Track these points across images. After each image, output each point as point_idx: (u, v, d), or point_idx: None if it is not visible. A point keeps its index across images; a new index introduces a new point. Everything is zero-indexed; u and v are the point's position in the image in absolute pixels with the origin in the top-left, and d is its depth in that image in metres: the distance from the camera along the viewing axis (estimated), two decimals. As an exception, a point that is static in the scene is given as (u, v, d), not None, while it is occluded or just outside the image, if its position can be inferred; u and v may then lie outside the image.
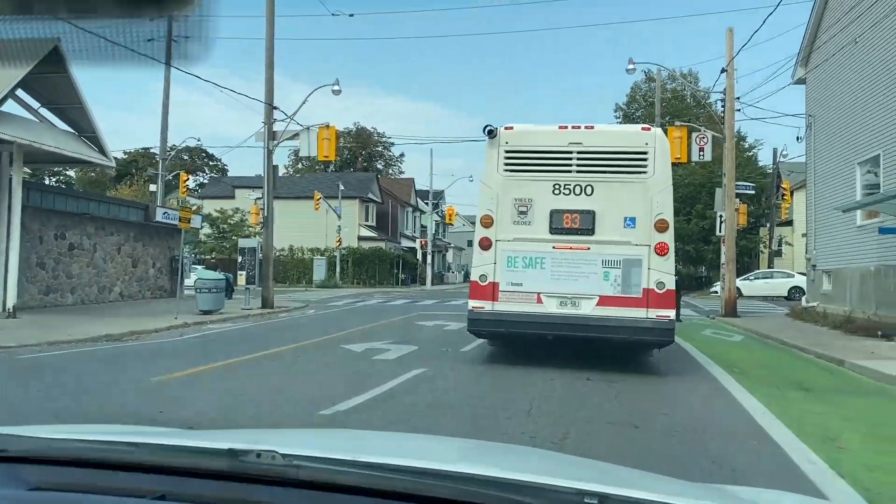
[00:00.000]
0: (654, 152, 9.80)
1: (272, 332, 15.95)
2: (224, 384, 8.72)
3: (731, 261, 23.41)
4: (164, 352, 12.19)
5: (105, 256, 25.27)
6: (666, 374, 10.16)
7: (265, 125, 24.81)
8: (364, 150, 75.56)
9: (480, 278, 10.02)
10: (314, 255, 50.22)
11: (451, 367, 10.12)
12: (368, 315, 21.51)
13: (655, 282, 9.62)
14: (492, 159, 10.15)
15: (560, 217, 9.91)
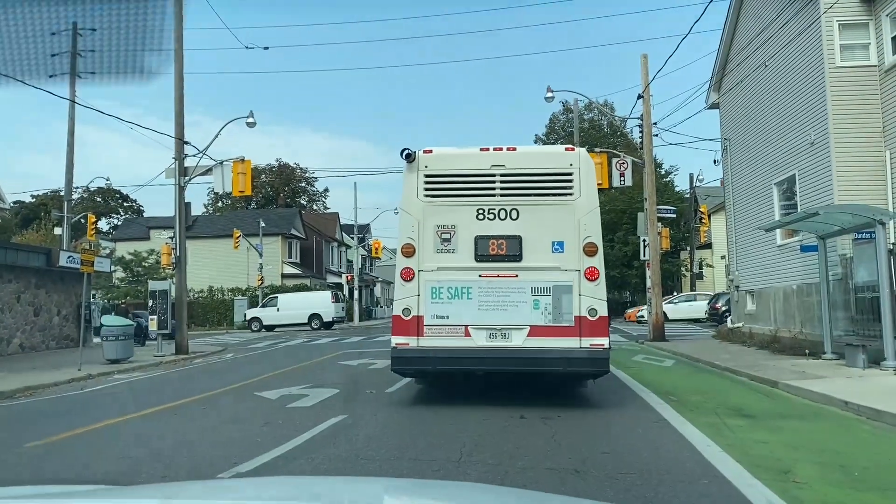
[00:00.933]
0: (580, 173, 9.38)
1: (182, 381, 14.75)
2: (111, 447, 7.66)
3: (657, 285, 23.45)
4: (55, 410, 10.92)
5: (2, 306, 23.33)
6: (603, 406, 9.64)
7: (175, 161, 23.59)
8: (287, 187, 74.14)
9: (403, 312, 9.31)
10: (235, 295, 48.39)
11: (375, 411, 9.29)
12: (289, 357, 20.40)
13: (587, 308, 9.12)
14: (411, 184, 9.52)
15: (485, 243, 9.33)
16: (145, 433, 8.49)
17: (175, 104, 23.68)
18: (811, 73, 16.27)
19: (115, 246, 54.85)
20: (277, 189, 72.94)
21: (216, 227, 52.69)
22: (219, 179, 23.73)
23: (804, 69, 16.66)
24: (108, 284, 50.15)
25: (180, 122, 23.69)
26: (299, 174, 74.23)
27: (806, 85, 16.59)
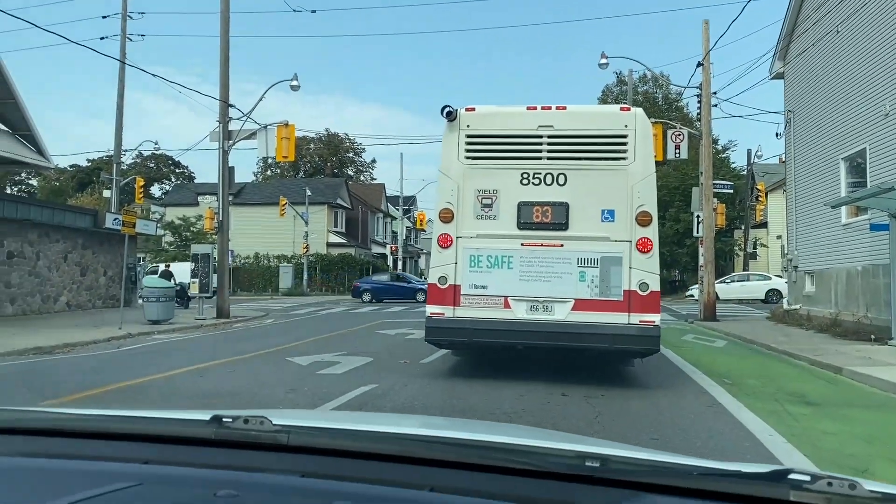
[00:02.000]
0: (635, 136, 8.65)
1: (217, 344, 14.57)
2: (122, 409, 7.34)
3: (710, 262, 22.47)
4: (86, 367, 10.76)
5: (49, 265, 23.63)
6: (650, 387, 9.00)
7: (220, 124, 23.37)
8: (334, 157, 74.12)
9: (440, 280, 8.78)
10: (280, 262, 48.64)
11: (406, 382, 8.83)
12: (329, 324, 20.16)
13: (638, 282, 8.46)
14: (451, 145, 8.92)
15: (529, 210, 8.71)
16: (166, 393, 8.19)
17: (220, 65, 23.42)
18: (889, 39, 15.05)
19: (164, 211, 55.58)
20: (325, 159, 72.99)
21: (263, 194, 52.96)
22: (262, 144, 23.38)
23: (881, 35, 15.42)
24: (158, 248, 50.91)
25: (225, 83, 23.43)
26: (347, 144, 74.09)
27: (882, 52, 15.37)
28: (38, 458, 1.37)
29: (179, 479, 1.25)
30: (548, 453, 1.35)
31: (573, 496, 1.20)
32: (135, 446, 1.41)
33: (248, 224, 49.38)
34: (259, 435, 1.35)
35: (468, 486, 1.21)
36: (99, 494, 1.13)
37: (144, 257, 49.96)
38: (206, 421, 1.41)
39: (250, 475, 1.24)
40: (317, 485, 1.22)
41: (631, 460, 1.36)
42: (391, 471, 1.27)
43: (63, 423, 1.56)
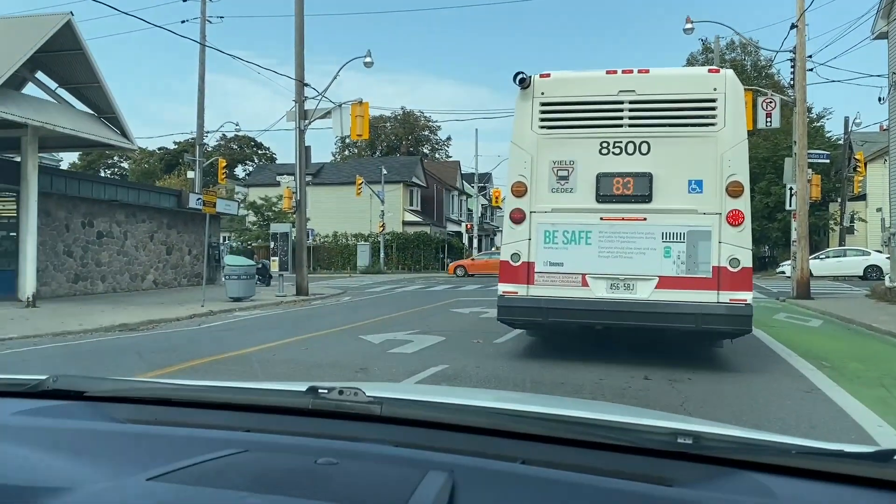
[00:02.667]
0: (725, 99, 7.98)
1: (294, 321, 14.65)
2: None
3: (804, 237, 21.18)
4: (166, 344, 10.95)
5: (137, 244, 24.48)
6: (741, 370, 8.41)
7: (296, 103, 23.51)
8: (410, 135, 74.23)
9: (512, 258, 8.39)
10: (358, 240, 49.15)
11: (478, 363, 8.52)
12: (403, 302, 20.09)
13: (728, 258, 7.84)
14: (524, 114, 8.46)
15: (609, 182, 8.19)
16: (241, 371, 8.16)
17: (295, 45, 23.52)
18: None
19: (247, 191, 57.00)
20: (400, 137, 73.20)
21: (341, 174, 53.53)
22: (337, 123, 23.36)
23: None
24: (241, 227, 52.29)
25: (300, 62, 23.52)
26: (423, 122, 74.03)
27: None
28: (148, 425, 1.43)
29: (281, 447, 1.28)
30: (639, 429, 1.35)
31: (665, 472, 1.17)
32: (237, 415, 1.46)
33: (327, 203, 50.09)
34: (353, 405, 1.38)
35: (559, 460, 1.21)
36: (209, 460, 1.16)
37: (229, 236, 51.45)
38: (303, 392, 1.45)
39: (347, 444, 1.27)
40: (411, 454, 1.22)
41: (725, 437, 1.34)
42: (483, 443, 1.28)
43: (169, 393, 1.63)
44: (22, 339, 11.56)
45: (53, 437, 1.33)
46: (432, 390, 2.64)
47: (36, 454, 1.21)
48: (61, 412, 1.49)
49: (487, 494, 1.08)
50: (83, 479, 1.09)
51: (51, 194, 20.21)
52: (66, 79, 18.53)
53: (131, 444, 1.32)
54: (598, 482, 1.12)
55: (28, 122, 16.14)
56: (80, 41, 17.45)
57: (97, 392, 1.60)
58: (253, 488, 1.04)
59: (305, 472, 1.13)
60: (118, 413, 1.51)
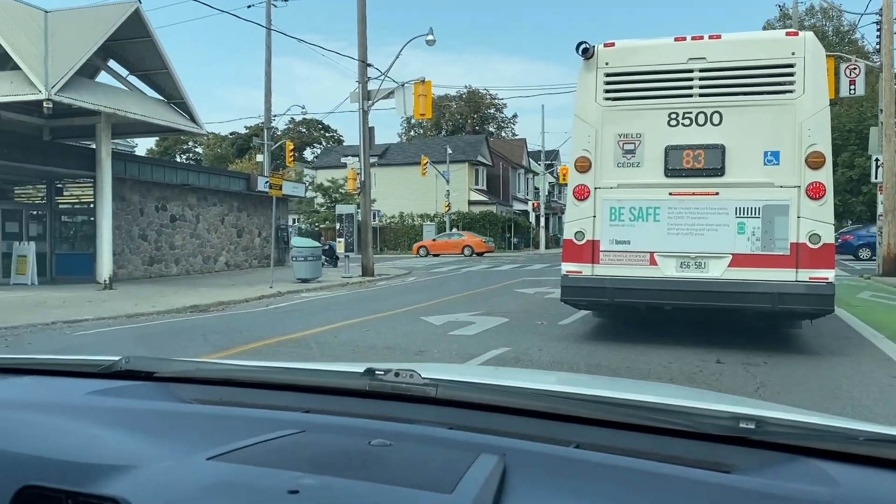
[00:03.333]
0: (804, 64, 7.43)
1: (358, 302, 14.70)
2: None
3: (891, 211, 19.98)
4: (232, 325, 11.12)
5: (208, 227, 25.09)
6: (822, 353, 7.92)
7: (359, 84, 23.51)
8: (475, 114, 73.70)
9: (576, 236, 8.08)
10: (424, 220, 49.22)
11: (542, 346, 8.28)
12: (468, 282, 19.95)
13: (808, 234, 7.35)
14: (588, 86, 8.09)
15: (678, 155, 7.76)
16: (300, 354, 8.16)
17: (358, 24, 23.46)
18: None
19: (315, 173, 57.80)
20: (466, 116, 72.77)
21: (407, 154, 53.60)
22: (400, 102, 23.27)
23: None
24: (310, 209, 53.12)
25: (363, 43, 23.46)
26: (488, 100, 73.37)
27: None
28: (212, 405, 1.47)
29: (337, 428, 1.29)
30: (698, 413, 1.32)
31: (724, 458, 1.14)
32: (296, 396, 1.49)
33: (393, 184, 50.32)
34: (409, 388, 1.40)
35: (613, 445, 1.19)
36: (269, 440, 1.19)
37: (297, 219, 52.37)
38: (360, 373, 1.47)
39: (401, 426, 1.28)
40: (465, 437, 1.22)
41: (789, 422, 1.31)
42: (536, 426, 1.27)
43: (231, 374, 1.69)
44: (96, 320, 11.95)
45: (123, 416, 1.37)
46: (488, 372, 2.58)
47: (106, 433, 1.26)
48: (132, 392, 1.55)
49: (539, 478, 1.07)
50: (149, 458, 1.13)
51: (125, 179, 20.87)
52: (136, 66, 19.01)
53: (195, 423, 1.37)
54: (653, 468, 1.09)
55: (101, 110, 16.63)
56: (148, 28, 17.84)
57: (166, 373, 1.67)
58: (307, 469, 1.05)
59: (359, 453, 1.15)
60: (185, 393, 1.56)
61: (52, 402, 1.48)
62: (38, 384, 1.69)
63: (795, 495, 1.01)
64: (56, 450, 1.16)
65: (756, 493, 1.02)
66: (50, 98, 14.80)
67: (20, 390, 1.63)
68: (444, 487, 0.98)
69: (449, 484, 0.99)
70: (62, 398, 1.53)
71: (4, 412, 1.41)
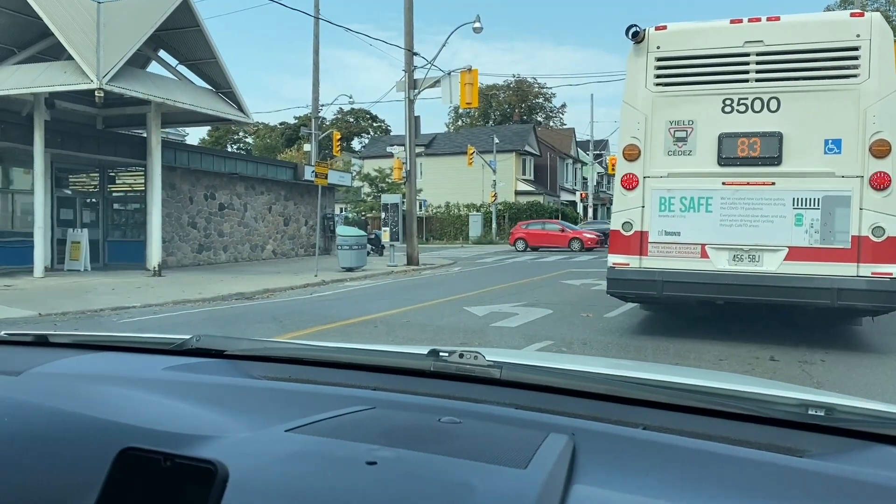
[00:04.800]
0: (870, 46, 7.00)
1: (403, 291, 14.64)
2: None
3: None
4: (275, 313, 11.14)
5: (256, 215, 25.36)
6: (884, 352, 7.53)
7: (405, 73, 23.43)
8: (523, 103, 73.06)
9: (624, 227, 7.81)
10: (470, 210, 49.04)
11: (586, 340, 8.05)
12: (513, 272, 19.73)
13: (871, 227, 6.95)
14: (637, 72, 7.78)
15: (733, 143, 7.43)
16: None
17: (404, 13, 23.39)
18: None
19: (362, 163, 58.08)
20: (514, 106, 72.19)
21: (453, 144, 53.42)
22: (446, 91, 23.09)
23: None
24: (357, 199, 53.42)
25: (409, 31, 23.37)
26: (536, 90, 72.62)
27: None
28: (282, 381, 1.51)
29: (406, 405, 1.31)
30: (767, 400, 1.32)
31: (795, 443, 1.13)
32: (363, 375, 1.51)
33: (440, 174, 50.23)
34: (473, 369, 1.42)
35: (681, 428, 1.19)
36: (342, 414, 1.22)
37: (344, 208, 52.75)
38: (425, 355, 1.50)
39: (469, 405, 1.29)
40: (532, 416, 1.23)
41: (859, 409, 1.29)
42: (603, 409, 1.27)
43: (301, 353, 1.72)
44: (144, 307, 12.12)
45: (199, 390, 1.43)
46: (550, 357, 2.63)
47: (185, 405, 1.32)
48: (204, 368, 1.60)
49: (609, 458, 1.08)
50: (227, 429, 1.17)
51: (175, 168, 21.20)
52: (185, 56, 19.22)
53: (268, 398, 1.40)
54: (724, 450, 1.08)
55: (151, 99, 16.87)
56: (197, 18, 18.01)
57: (235, 351, 1.72)
58: (382, 442, 1.07)
59: (430, 429, 1.17)
60: (255, 370, 1.60)
61: (133, 377, 1.55)
62: (118, 359, 1.76)
63: (873, 480, 0.99)
64: (143, 419, 1.20)
65: (831, 476, 1.01)
66: (101, 87, 15.04)
67: (103, 365, 1.71)
68: (518, 463, 0.99)
69: (522, 460, 1.00)
70: (141, 373, 1.59)
71: (92, 385, 1.48)
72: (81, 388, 1.46)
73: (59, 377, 1.56)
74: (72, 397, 1.36)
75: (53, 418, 1.21)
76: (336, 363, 1.63)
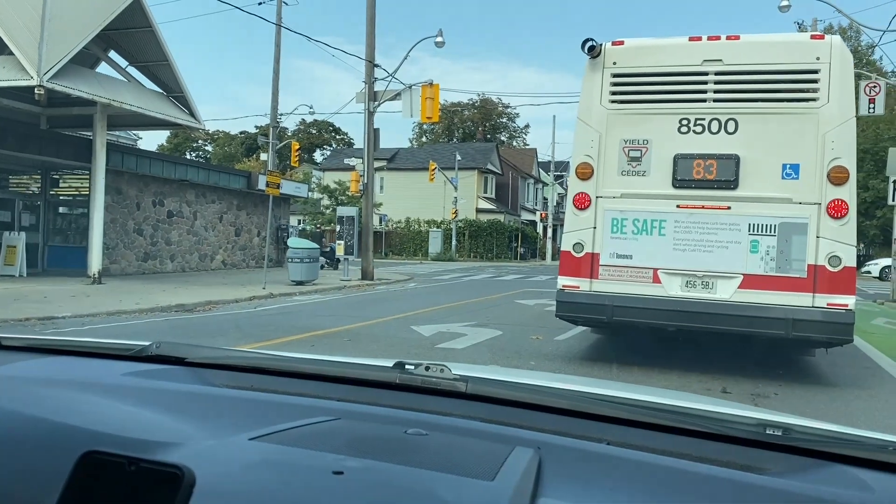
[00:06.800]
0: (830, 70, 6.82)
1: (351, 308, 14.13)
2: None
3: (908, 235, 19.30)
4: (210, 328, 10.57)
5: (206, 224, 24.60)
6: (838, 385, 7.30)
7: (365, 84, 23.04)
8: (487, 122, 73.22)
9: (574, 248, 7.47)
10: (430, 227, 48.69)
11: (535, 364, 7.63)
12: (469, 290, 19.34)
13: (827, 255, 6.73)
14: (593, 87, 7.49)
15: (688, 164, 7.16)
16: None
17: (367, 24, 23.01)
18: None
19: (323, 175, 57.38)
20: (477, 124, 72.30)
21: (416, 159, 53.13)
22: (407, 105, 22.71)
23: None
24: (316, 211, 52.67)
25: (371, 42, 23.03)
26: (500, 109, 72.86)
27: None
28: (245, 390, 1.48)
29: (372, 417, 1.30)
30: (727, 419, 1.34)
31: (754, 461, 1.14)
32: (326, 386, 1.50)
33: (401, 189, 49.86)
34: (440, 382, 1.40)
35: (644, 444, 1.18)
36: (306, 424, 1.21)
37: (303, 219, 51.94)
38: (391, 367, 1.49)
39: (435, 417, 1.29)
40: (498, 430, 1.23)
41: (816, 430, 1.32)
42: (568, 424, 1.28)
43: (263, 363, 1.71)
44: (74, 317, 11.41)
45: (160, 397, 1.40)
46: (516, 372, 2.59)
47: (146, 411, 1.28)
48: (165, 375, 1.56)
49: (573, 471, 1.08)
50: (191, 436, 1.14)
51: (122, 172, 20.40)
52: (136, 57, 18.55)
53: (231, 407, 1.37)
54: (685, 465, 1.10)
55: (97, 99, 16.16)
56: (149, 18, 17.38)
57: (196, 359, 1.68)
58: (348, 452, 1.05)
59: (397, 440, 1.15)
60: (216, 379, 1.57)
61: (92, 382, 1.51)
62: (75, 364, 1.72)
63: (829, 498, 1.00)
64: (105, 424, 1.17)
65: (789, 493, 1.02)
66: (41, 84, 14.32)
67: (59, 369, 1.66)
68: (486, 475, 0.98)
69: (489, 472, 0.99)
70: (100, 378, 1.55)
71: (49, 389, 1.44)
72: (39, 392, 1.42)
73: (14, 381, 1.53)
74: (29, 401, 1.33)
75: (11, 422, 1.19)
76: (300, 374, 1.60)
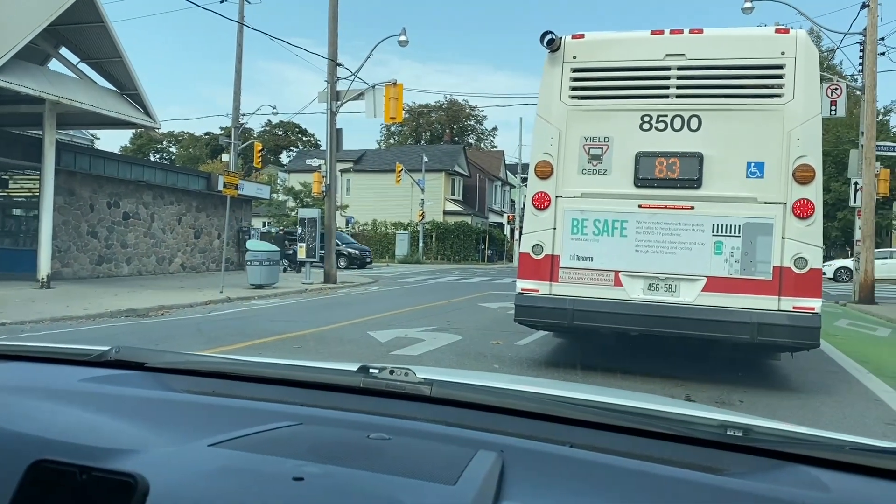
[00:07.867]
0: (795, 66, 6.61)
1: (308, 312, 13.69)
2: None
3: (869, 236, 19.44)
4: (160, 334, 10.08)
5: (164, 226, 23.91)
6: (804, 390, 7.10)
7: (328, 83, 22.59)
8: (455, 124, 73.01)
9: (534, 249, 7.17)
10: (397, 229, 48.25)
11: (497, 368, 7.35)
12: (433, 293, 19.00)
13: (793, 257, 6.51)
14: (552, 83, 7.19)
15: (650, 163, 6.91)
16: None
17: (329, 22, 22.57)
18: None
19: (288, 177, 56.60)
20: (445, 126, 72.09)
21: (383, 161, 52.68)
22: (370, 105, 22.31)
23: None
24: (280, 213, 51.91)
25: (333, 41, 22.59)
26: (468, 111, 72.72)
27: None
28: (206, 396, 1.46)
29: (334, 421, 1.30)
30: (688, 420, 1.35)
31: (715, 462, 1.15)
32: (290, 391, 1.46)
33: (368, 190, 49.39)
34: (404, 385, 1.39)
35: (607, 446, 1.19)
36: (267, 430, 1.20)
37: (268, 222, 51.14)
38: (354, 371, 1.48)
39: (398, 421, 1.28)
40: (461, 434, 1.22)
41: (775, 431, 1.34)
42: (531, 427, 1.27)
43: (225, 367, 1.66)
44: (16, 324, 10.83)
45: (118, 403, 1.37)
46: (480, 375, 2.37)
47: (103, 418, 1.26)
48: (124, 381, 1.53)
49: (537, 474, 1.08)
50: (148, 443, 1.12)
51: (75, 173, 19.71)
52: (87, 53, 17.88)
53: (191, 412, 1.35)
54: (647, 468, 1.10)
55: (44, 97, 15.51)
56: (100, 13, 16.73)
57: (157, 363, 1.65)
58: (309, 458, 1.05)
59: (359, 445, 1.14)
60: (177, 384, 1.54)
61: (47, 388, 1.47)
62: (29, 370, 1.68)
63: (787, 498, 1.02)
64: (57, 431, 1.15)
65: (748, 494, 1.03)
66: (-18, 80, 13.67)
67: (11, 375, 1.62)
68: (447, 479, 0.98)
69: (451, 477, 0.99)
70: (55, 384, 1.52)
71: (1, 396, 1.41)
72: None
73: None
74: None
75: None
76: (262, 378, 1.58)
